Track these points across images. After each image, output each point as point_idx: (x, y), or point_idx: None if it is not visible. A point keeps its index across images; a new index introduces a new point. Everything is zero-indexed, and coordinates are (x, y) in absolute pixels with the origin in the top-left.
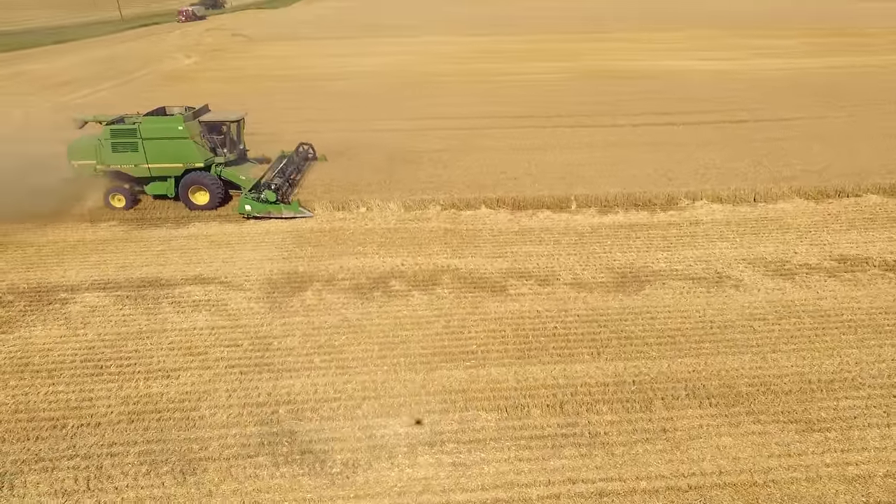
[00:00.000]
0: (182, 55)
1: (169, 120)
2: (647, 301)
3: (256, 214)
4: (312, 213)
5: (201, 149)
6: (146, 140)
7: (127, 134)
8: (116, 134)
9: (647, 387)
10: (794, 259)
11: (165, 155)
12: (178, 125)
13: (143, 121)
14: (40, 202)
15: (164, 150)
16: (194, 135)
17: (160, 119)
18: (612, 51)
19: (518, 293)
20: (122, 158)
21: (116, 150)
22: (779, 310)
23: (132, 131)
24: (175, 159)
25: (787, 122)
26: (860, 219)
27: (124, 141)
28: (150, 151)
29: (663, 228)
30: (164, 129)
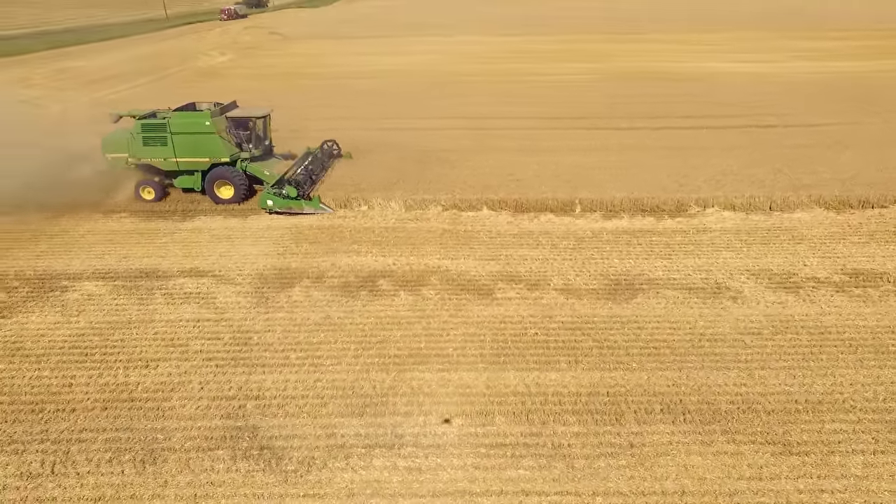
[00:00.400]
0: (217, 52)
1: (196, 115)
2: (637, 310)
3: (278, 209)
4: (333, 210)
5: (227, 144)
6: (175, 134)
7: (157, 128)
8: (147, 128)
9: (621, 399)
10: (803, 272)
11: (193, 149)
12: (205, 120)
13: (172, 116)
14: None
15: (191, 144)
16: (220, 130)
17: (188, 114)
18: (646, 52)
19: (505, 297)
20: (152, 152)
21: (147, 143)
22: (776, 324)
23: (162, 126)
24: (202, 154)
25: (817, 128)
26: (882, 231)
27: (154, 135)
28: (178, 146)
29: (668, 235)
30: (192, 125)
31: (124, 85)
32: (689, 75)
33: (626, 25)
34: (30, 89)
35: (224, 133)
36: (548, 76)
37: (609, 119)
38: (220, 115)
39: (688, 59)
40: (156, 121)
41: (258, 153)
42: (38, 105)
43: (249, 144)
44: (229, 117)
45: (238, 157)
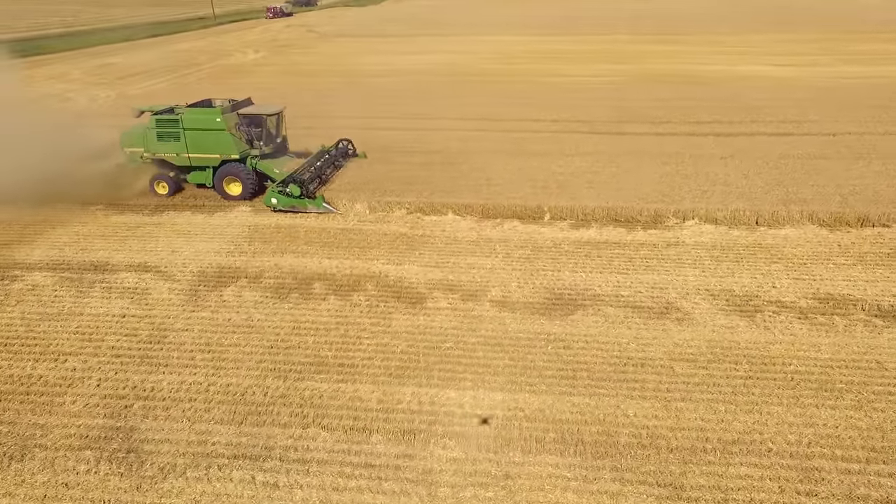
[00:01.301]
0: (252, 50)
1: (208, 111)
2: (570, 328)
3: (282, 208)
4: (337, 210)
5: (237, 141)
6: (187, 130)
7: (170, 124)
8: (161, 124)
9: (515, 424)
10: (768, 294)
11: (204, 145)
12: (216, 117)
13: (186, 112)
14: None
15: (203, 140)
16: (231, 127)
17: (200, 111)
18: (679, 54)
19: (435, 307)
20: (166, 147)
21: (161, 139)
22: (716, 351)
23: (175, 121)
24: (212, 150)
25: (838, 137)
26: (874, 253)
27: (168, 130)
28: (190, 141)
29: (633, 248)
30: (204, 121)
31: (154, 80)
32: (717, 78)
33: (665, 26)
34: (66, 83)
35: (235, 130)
36: (569, 77)
37: (616, 123)
38: (232, 111)
39: (721, 62)
40: (169, 116)
41: (269, 150)
42: (67, 99)
43: (260, 142)
44: (241, 114)
45: (248, 153)
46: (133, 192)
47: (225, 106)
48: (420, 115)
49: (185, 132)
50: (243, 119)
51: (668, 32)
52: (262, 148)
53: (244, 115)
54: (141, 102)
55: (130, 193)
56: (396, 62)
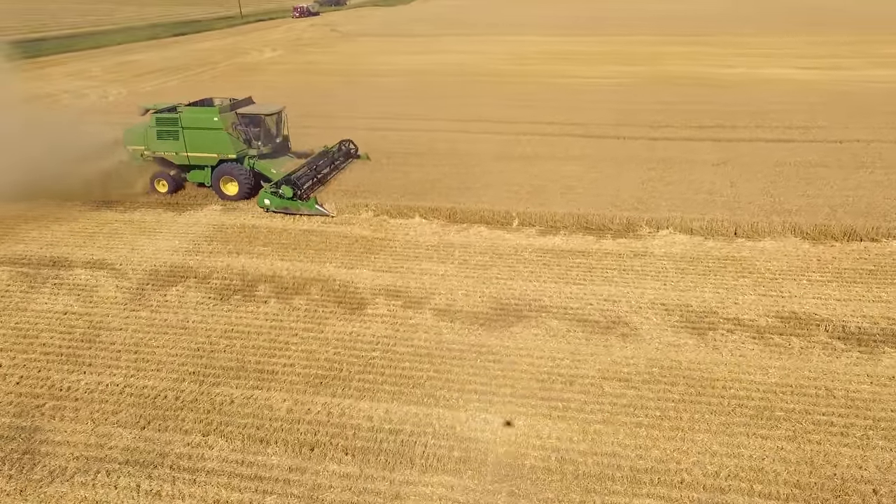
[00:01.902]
0: (269, 49)
1: (206, 111)
2: (506, 341)
3: (275, 209)
4: (330, 213)
5: (235, 140)
6: (186, 129)
7: (169, 122)
8: (161, 122)
9: (421, 441)
10: (727, 311)
11: (202, 144)
12: (214, 116)
13: (184, 111)
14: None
15: (200, 139)
16: (228, 126)
17: (199, 109)
18: (701, 56)
19: (374, 314)
20: (166, 146)
21: (161, 137)
22: (653, 371)
23: (174, 120)
24: (210, 149)
25: (844, 145)
26: (855, 269)
27: (167, 129)
28: (189, 140)
29: (597, 258)
30: (201, 120)
31: (168, 78)
32: (733, 81)
33: (691, 27)
34: (84, 80)
35: (232, 129)
36: (578, 79)
37: (613, 126)
38: (231, 111)
39: (742, 64)
40: (169, 115)
41: (267, 150)
42: (80, 95)
43: (258, 141)
44: (239, 114)
45: (246, 153)
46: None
47: (223, 105)
48: (415, 116)
49: (184, 131)
50: (241, 118)
51: (693, 34)
52: (261, 148)
53: (242, 115)
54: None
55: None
56: (409, 62)
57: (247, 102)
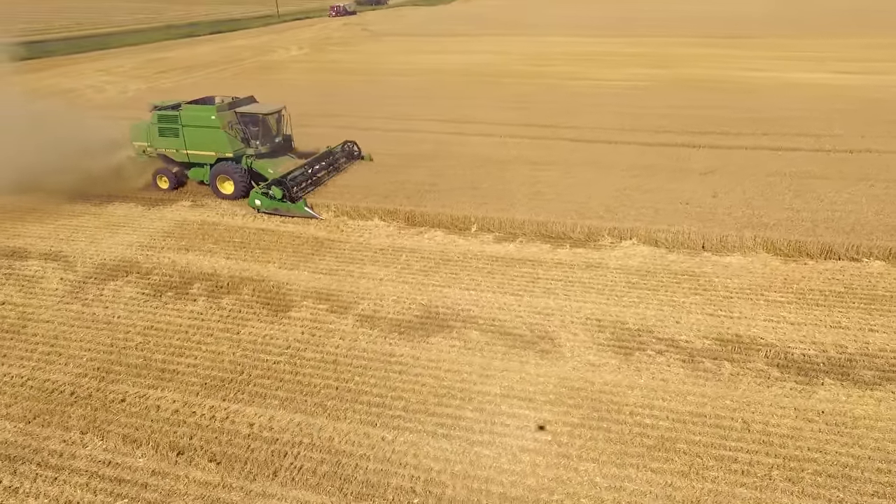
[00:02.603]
0: (296, 47)
1: (204, 109)
2: (420, 351)
3: (265, 210)
4: (320, 216)
5: (232, 139)
6: (185, 127)
7: (170, 120)
8: (162, 119)
9: (293, 452)
10: (665, 330)
11: (201, 142)
12: (211, 114)
13: (184, 108)
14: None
15: (199, 137)
16: (225, 125)
17: (197, 107)
18: (733, 58)
19: (297, 317)
20: (167, 143)
21: (162, 134)
22: (561, 392)
23: (174, 118)
24: (208, 147)
25: (852, 155)
26: (821, 290)
27: (168, 126)
28: (188, 138)
29: (546, 268)
30: (200, 118)
31: (190, 75)
32: (759, 85)
33: (731, 28)
34: (111, 76)
35: (229, 128)
36: (594, 81)
37: (609, 130)
38: (229, 109)
39: (775, 68)
40: (169, 112)
41: (265, 150)
42: (101, 90)
43: (256, 141)
44: (238, 112)
45: (243, 152)
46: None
47: (221, 104)
48: (410, 116)
49: (184, 129)
50: (240, 117)
51: (730, 35)
52: (259, 147)
53: (240, 114)
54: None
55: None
56: (426, 61)
57: (248, 101)
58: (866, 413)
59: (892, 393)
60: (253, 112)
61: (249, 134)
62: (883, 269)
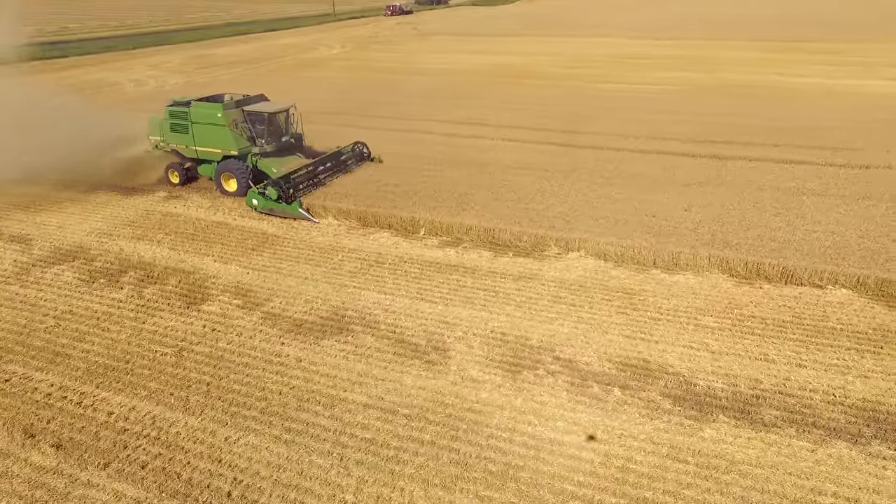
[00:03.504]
0: (339, 45)
1: (211, 106)
2: (307, 353)
3: (261, 210)
4: (317, 220)
5: (237, 137)
6: (194, 123)
7: (180, 116)
8: (173, 115)
9: (130, 441)
10: (569, 350)
11: (208, 139)
12: (218, 112)
13: (193, 105)
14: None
15: (206, 134)
16: (230, 123)
17: (205, 105)
18: (779, 62)
19: (207, 311)
20: (178, 139)
21: (174, 130)
22: (426, 406)
23: (184, 114)
24: (215, 144)
25: (862, 171)
26: (767, 319)
27: (178, 122)
28: (196, 134)
29: (477, 277)
30: (207, 115)
31: (228, 70)
32: (797, 92)
33: (792, 31)
34: (158, 70)
35: (234, 126)
36: (621, 85)
37: (607, 136)
38: (236, 107)
39: (823, 74)
40: (180, 109)
41: (270, 149)
42: (142, 84)
43: (262, 139)
44: (244, 111)
45: (249, 151)
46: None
47: (228, 101)
48: (416, 117)
49: (193, 125)
50: (247, 115)
51: (786, 39)
52: (264, 146)
53: (247, 112)
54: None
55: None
56: (458, 61)
57: (257, 99)
58: (748, 458)
59: (787, 437)
60: (259, 111)
61: (255, 132)
62: (846, 298)
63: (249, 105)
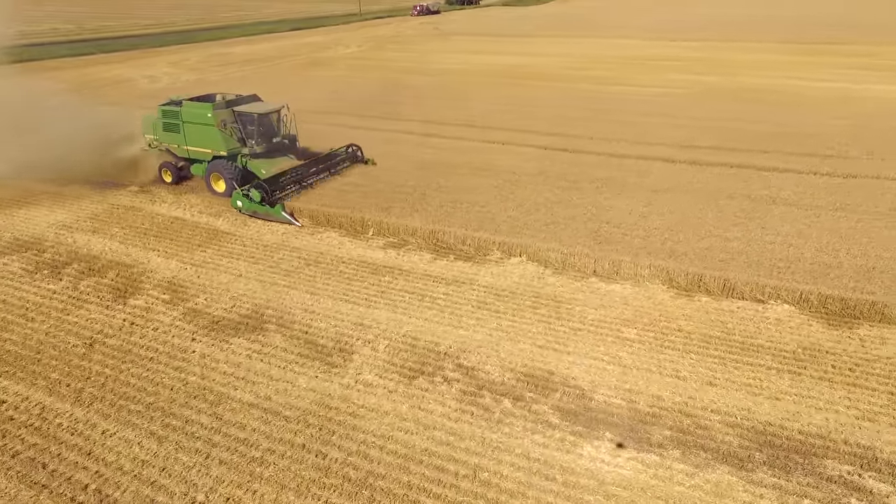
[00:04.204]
0: (356, 45)
1: (201, 106)
2: (212, 350)
3: (246, 212)
4: (300, 223)
5: (227, 137)
6: (185, 123)
7: (172, 115)
8: (165, 115)
9: (9, 428)
10: (474, 358)
11: (198, 139)
12: (207, 112)
13: (184, 105)
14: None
15: (197, 134)
16: (219, 123)
17: (196, 105)
18: (801, 66)
19: (133, 304)
20: (170, 138)
21: (166, 129)
22: (310, 409)
23: (176, 113)
24: (205, 144)
25: (846, 181)
26: (692, 334)
27: (170, 122)
28: (187, 134)
29: (410, 280)
30: (197, 115)
31: (239, 68)
32: (812, 98)
33: (826, 33)
34: (175, 68)
35: (223, 126)
36: (627, 87)
37: (589, 140)
38: (226, 108)
39: (846, 79)
40: (172, 108)
41: (260, 150)
42: (155, 80)
43: (252, 140)
44: (235, 111)
45: (238, 151)
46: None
47: (219, 101)
48: (395, 116)
49: (184, 125)
50: (237, 116)
51: (817, 41)
52: (254, 147)
53: (238, 112)
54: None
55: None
56: (470, 62)
57: (249, 99)
58: (619, 479)
59: (669, 460)
60: (249, 111)
61: (245, 133)
62: (785, 314)
63: (240, 105)
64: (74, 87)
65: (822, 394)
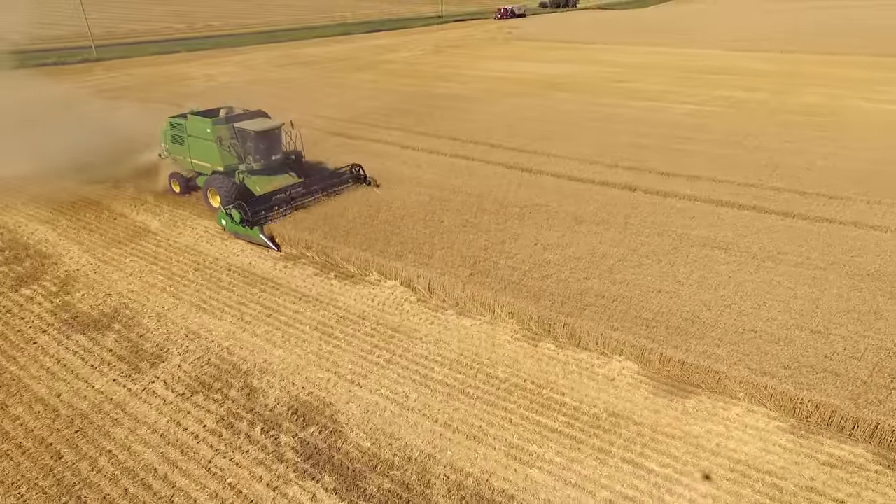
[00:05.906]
0: (419, 48)
1: (202, 121)
2: (51, 345)
3: (230, 231)
4: (277, 249)
5: (225, 153)
6: (189, 136)
7: (178, 128)
8: (173, 126)
9: None
10: (266, 379)
11: (200, 153)
12: (207, 127)
13: (189, 118)
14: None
15: (199, 147)
16: (218, 138)
17: (199, 119)
18: (876, 83)
19: (21, 293)
20: (177, 149)
21: (174, 140)
22: (83, 410)
23: (182, 126)
24: (205, 158)
25: (805, 223)
26: (498, 383)
27: (177, 134)
28: (191, 147)
29: (278, 294)
30: (198, 129)
31: (299, 69)
32: (861, 120)
33: None
34: (240, 67)
35: (219, 142)
36: (649, 102)
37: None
38: (226, 123)
39: None
40: (179, 120)
41: (258, 166)
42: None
43: (249, 156)
44: (234, 127)
45: (236, 167)
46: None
47: (219, 117)
48: (385, 125)
49: (188, 138)
50: (235, 132)
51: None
52: (251, 163)
53: (236, 129)
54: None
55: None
56: (513, 70)
57: (254, 115)
58: None
59: None
60: (247, 128)
61: (242, 149)
62: (619, 372)
63: (241, 121)
64: (129, 86)
65: (582, 469)
